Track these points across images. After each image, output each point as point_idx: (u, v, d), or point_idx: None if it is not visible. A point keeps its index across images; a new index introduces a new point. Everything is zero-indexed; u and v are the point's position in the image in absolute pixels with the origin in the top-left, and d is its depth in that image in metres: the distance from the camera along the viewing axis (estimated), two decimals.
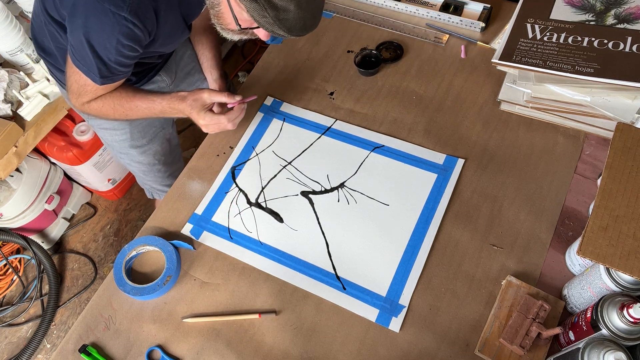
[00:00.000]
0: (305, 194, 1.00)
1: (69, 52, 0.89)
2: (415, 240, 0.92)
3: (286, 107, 1.13)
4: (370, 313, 0.86)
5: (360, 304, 0.87)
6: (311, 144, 1.07)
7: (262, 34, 0.86)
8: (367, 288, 0.88)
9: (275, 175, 1.03)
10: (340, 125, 1.09)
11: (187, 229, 0.98)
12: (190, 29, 1.00)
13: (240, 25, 0.85)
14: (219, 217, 0.99)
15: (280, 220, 0.98)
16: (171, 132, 1.31)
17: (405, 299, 0.86)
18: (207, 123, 0.97)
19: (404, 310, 0.85)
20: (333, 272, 0.91)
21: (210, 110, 0.99)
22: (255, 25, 0.81)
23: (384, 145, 1.04)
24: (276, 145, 1.08)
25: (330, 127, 1.09)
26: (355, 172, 1.02)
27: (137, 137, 1.20)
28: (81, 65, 0.88)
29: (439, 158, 1.01)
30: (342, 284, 0.89)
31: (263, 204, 1.00)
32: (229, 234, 0.97)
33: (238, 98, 0.98)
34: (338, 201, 0.98)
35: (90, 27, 0.82)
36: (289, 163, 1.05)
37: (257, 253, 0.94)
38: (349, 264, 0.91)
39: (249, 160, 1.06)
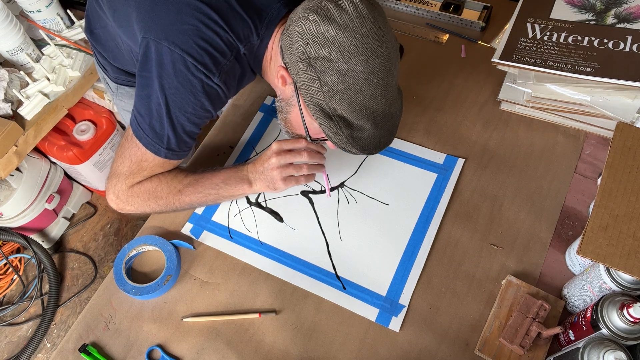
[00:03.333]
0: (305, 193, 1.00)
1: (131, 121, 0.82)
2: (415, 240, 0.92)
3: None
4: (370, 313, 0.86)
5: (360, 304, 0.87)
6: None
7: (331, 144, 0.83)
8: (367, 287, 0.88)
9: None
10: None
11: (187, 229, 0.98)
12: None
13: (310, 137, 0.83)
14: (218, 217, 0.99)
15: (280, 219, 0.98)
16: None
17: (405, 298, 0.86)
18: (279, 148, 0.87)
19: (404, 310, 0.85)
20: (333, 271, 0.91)
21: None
22: (326, 137, 0.79)
23: None
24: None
25: None
26: (355, 172, 1.02)
27: None
28: (145, 136, 0.80)
29: (439, 158, 1.01)
30: (342, 284, 0.89)
31: (263, 204, 1.00)
32: (229, 234, 0.97)
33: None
34: (338, 201, 0.98)
35: (169, 89, 0.76)
36: None
37: (257, 252, 0.94)
38: (349, 263, 0.91)
39: (249, 159, 1.06)
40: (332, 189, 1.00)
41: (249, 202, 1.00)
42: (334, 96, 0.71)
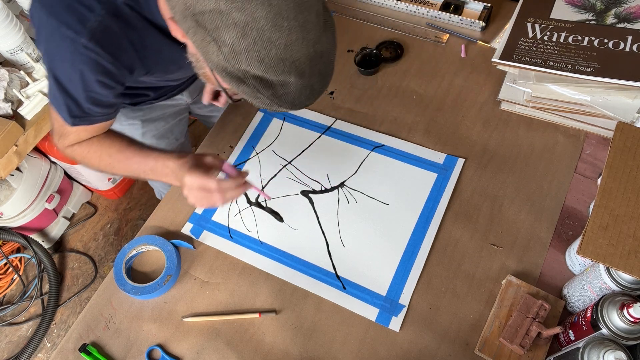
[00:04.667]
0: (305, 193, 1.00)
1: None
2: (415, 240, 0.92)
3: None
4: (370, 312, 0.86)
5: (360, 304, 0.87)
6: (311, 144, 1.07)
7: None
8: (367, 287, 0.88)
9: (276, 175, 1.03)
10: (340, 125, 1.08)
11: (187, 228, 0.98)
12: None
13: (231, 99, 0.72)
14: (219, 217, 0.99)
15: (280, 219, 0.98)
16: (184, 142, 1.31)
17: (405, 298, 0.86)
18: (191, 183, 0.78)
19: (404, 310, 0.85)
20: (333, 271, 0.91)
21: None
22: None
23: (384, 145, 1.04)
24: (276, 145, 1.08)
25: (330, 126, 1.09)
26: (356, 172, 1.02)
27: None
28: (53, 102, 0.77)
29: (439, 157, 1.01)
30: (342, 284, 0.89)
31: (263, 204, 1.00)
32: (229, 234, 0.97)
33: (244, 176, 0.81)
34: (338, 201, 0.98)
35: (51, 56, 0.71)
36: (289, 162, 1.05)
37: (257, 252, 0.94)
38: (349, 263, 0.91)
39: (249, 159, 1.06)
40: (332, 189, 1.00)
41: (249, 201, 1.00)
42: (238, 57, 0.57)
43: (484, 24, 1.17)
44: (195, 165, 0.80)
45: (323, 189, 1.00)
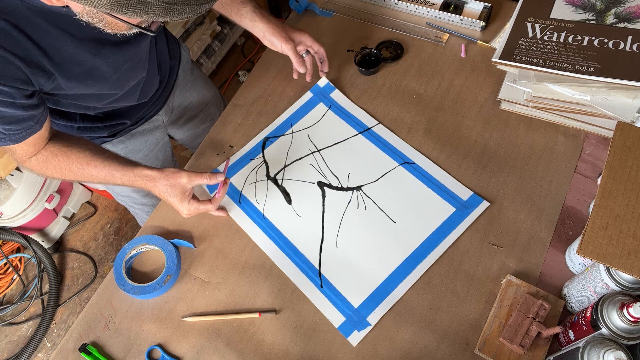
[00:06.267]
0: (321, 184, 1.00)
1: None
2: (405, 267, 0.89)
3: (337, 95, 1.12)
4: (336, 318, 0.86)
5: (330, 306, 0.87)
6: (346, 139, 1.05)
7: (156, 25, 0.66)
8: (342, 294, 0.88)
9: (301, 158, 1.04)
10: (380, 130, 1.05)
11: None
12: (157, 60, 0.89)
13: (151, 31, 0.67)
14: (235, 180, 1.03)
15: (289, 202, 0.99)
16: (173, 167, 1.31)
17: (374, 318, 0.85)
18: (190, 213, 0.91)
19: (368, 329, 0.84)
20: (317, 267, 0.91)
21: (194, 198, 0.92)
22: (147, 22, 0.63)
23: (414, 163, 1.00)
24: (313, 130, 1.08)
25: (370, 128, 1.06)
26: (376, 180, 0.99)
27: None
28: None
29: (464, 193, 0.95)
30: (321, 281, 0.89)
31: (279, 181, 1.01)
32: (239, 199, 1.00)
33: (221, 178, 0.91)
34: (349, 202, 0.97)
35: None
36: (318, 150, 1.04)
37: (256, 224, 0.97)
38: (334, 265, 0.91)
39: (283, 135, 1.08)
40: (348, 189, 0.98)
41: (267, 175, 1.03)
42: None
43: (484, 23, 1.17)
44: (182, 194, 0.89)
45: (339, 186, 0.99)
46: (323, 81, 1.13)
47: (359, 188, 0.99)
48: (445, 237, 0.91)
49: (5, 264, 1.82)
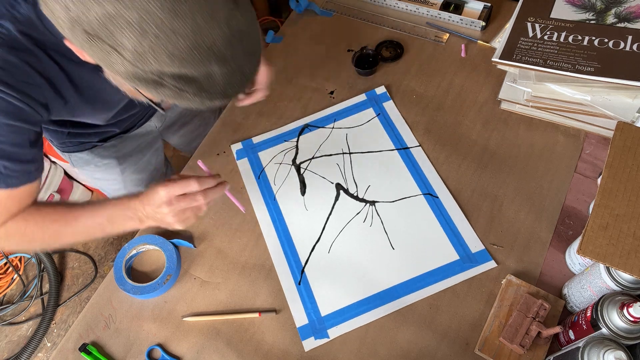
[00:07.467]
0: (339, 187, 1.00)
1: None
2: (383, 296, 0.86)
3: (389, 105, 1.09)
4: (299, 318, 0.86)
5: (299, 304, 0.87)
6: (380, 151, 1.03)
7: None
8: (315, 297, 0.88)
9: (331, 155, 1.04)
10: (418, 153, 1.01)
11: (235, 147, 1.07)
12: None
13: (161, 106, 0.67)
14: (263, 156, 1.05)
15: (303, 193, 1.00)
16: (167, 172, 1.29)
17: (335, 332, 0.84)
18: (171, 192, 0.73)
19: (325, 340, 0.84)
20: (303, 264, 0.91)
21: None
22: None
23: (438, 198, 0.95)
24: (353, 131, 1.07)
25: (408, 147, 1.02)
26: (394, 201, 0.96)
27: (131, 187, 1.18)
28: None
29: (475, 245, 0.89)
30: (301, 279, 0.90)
31: (302, 170, 1.02)
32: (260, 174, 1.03)
33: (213, 182, 0.77)
34: (358, 213, 0.96)
35: None
36: (350, 153, 1.04)
37: (265, 204, 0.99)
38: (319, 268, 0.91)
39: (323, 128, 1.08)
40: (362, 200, 0.96)
41: (293, 161, 1.04)
42: (145, 58, 0.49)
43: (484, 23, 1.17)
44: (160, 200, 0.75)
45: (356, 194, 0.98)
46: (381, 89, 1.12)
47: (373, 203, 0.97)
48: (437, 282, 0.87)
49: (5, 264, 1.82)
